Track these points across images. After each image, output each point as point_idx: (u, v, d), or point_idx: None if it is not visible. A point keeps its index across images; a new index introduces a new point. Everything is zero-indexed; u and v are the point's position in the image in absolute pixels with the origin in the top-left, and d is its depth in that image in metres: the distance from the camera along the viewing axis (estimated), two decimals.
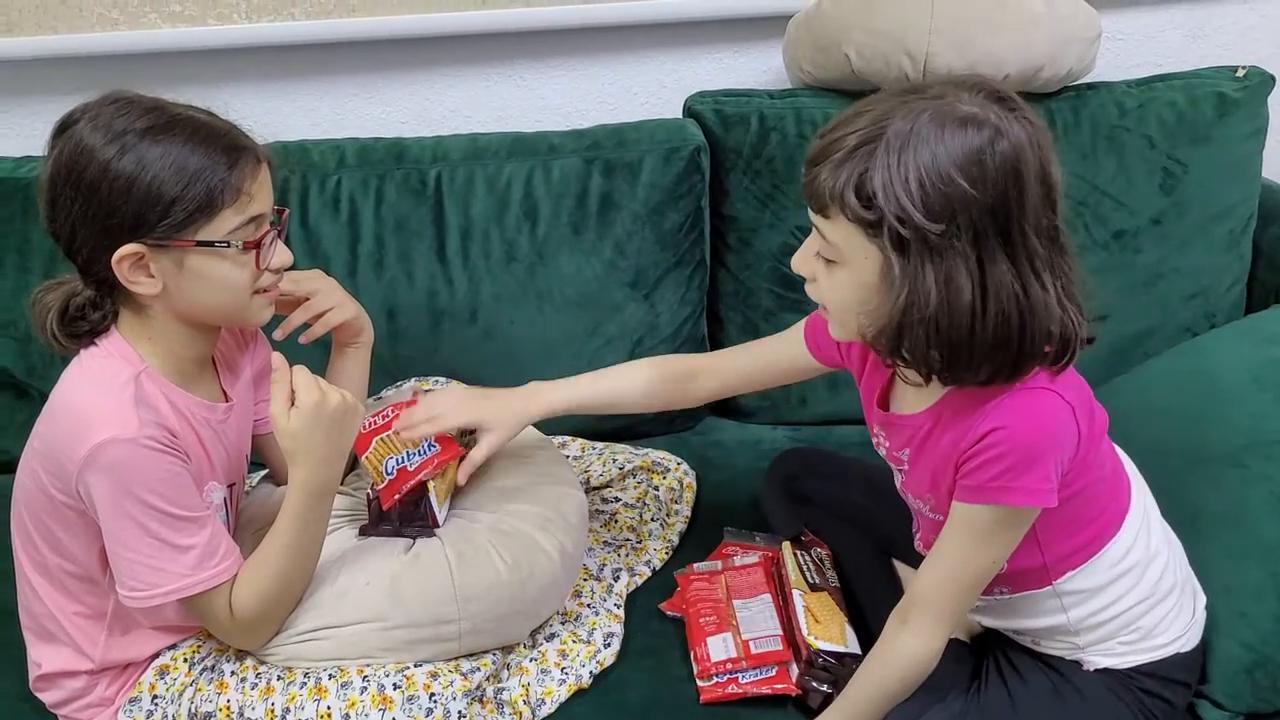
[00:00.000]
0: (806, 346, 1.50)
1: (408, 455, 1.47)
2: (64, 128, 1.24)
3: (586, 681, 1.44)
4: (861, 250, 1.15)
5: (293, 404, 1.29)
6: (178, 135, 1.22)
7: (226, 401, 1.41)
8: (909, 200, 1.09)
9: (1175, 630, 1.35)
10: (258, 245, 1.27)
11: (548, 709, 1.41)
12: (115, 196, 1.20)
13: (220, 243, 1.24)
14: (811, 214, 1.19)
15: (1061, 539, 1.29)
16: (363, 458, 1.46)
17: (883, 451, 1.39)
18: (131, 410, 1.24)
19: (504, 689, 1.41)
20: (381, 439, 1.47)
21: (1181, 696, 1.37)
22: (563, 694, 1.42)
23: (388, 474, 1.44)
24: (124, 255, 1.22)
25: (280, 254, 1.32)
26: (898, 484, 1.40)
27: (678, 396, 1.58)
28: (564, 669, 1.44)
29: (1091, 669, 1.35)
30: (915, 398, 1.30)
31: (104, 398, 1.25)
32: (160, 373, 1.30)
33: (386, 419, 1.50)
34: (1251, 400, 1.49)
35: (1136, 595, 1.32)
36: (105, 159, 1.20)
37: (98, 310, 1.29)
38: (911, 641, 1.28)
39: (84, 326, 1.29)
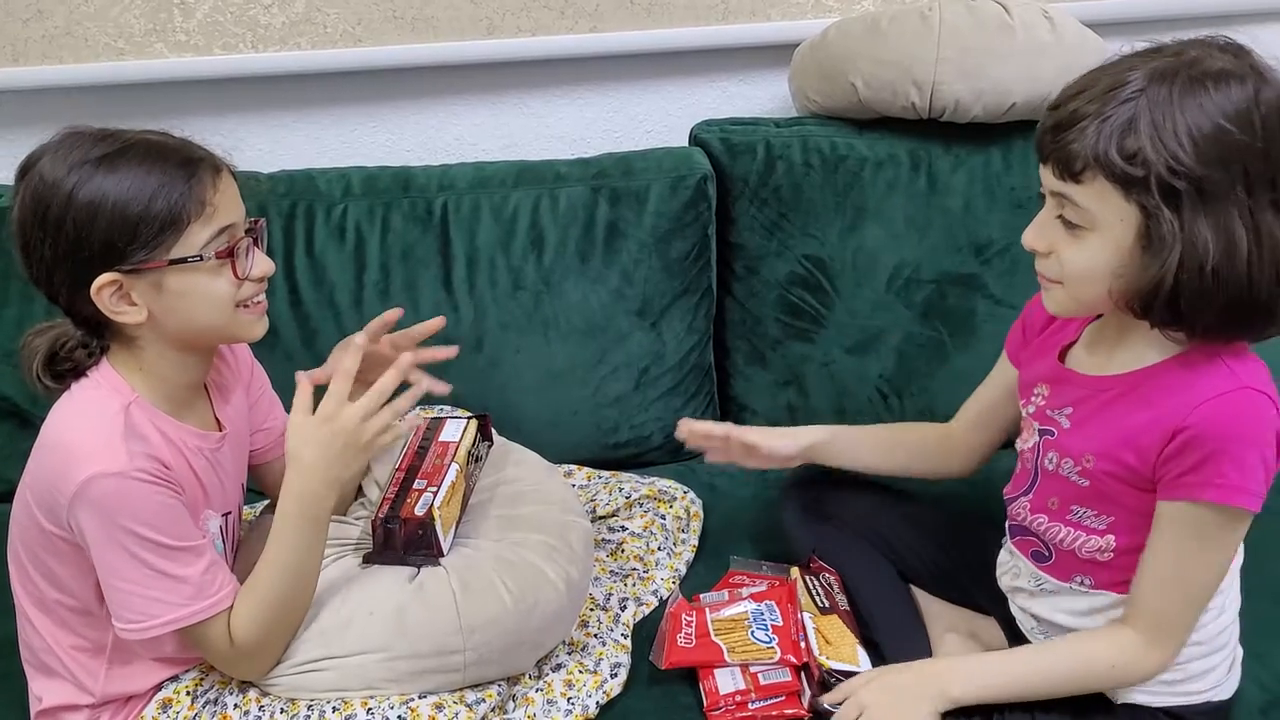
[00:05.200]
0: (1007, 356, 1.48)
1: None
2: (24, 171, 1.24)
3: (593, 712, 1.42)
4: (1117, 212, 1.14)
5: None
6: (131, 159, 1.22)
7: (220, 430, 1.40)
8: (1182, 150, 1.09)
9: (1216, 678, 1.31)
10: (231, 254, 1.27)
11: None
12: (81, 229, 1.20)
13: (193, 257, 1.24)
14: (1055, 183, 1.18)
15: None
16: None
17: (1031, 409, 1.36)
18: (120, 443, 1.23)
19: None
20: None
21: None
22: None
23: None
24: (101, 285, 1.21)
25: (260, 263, 1.32)
26: (1027, 444, 1.36)
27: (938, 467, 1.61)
28: (570, 699, 1.42)
29: (1119, 702, 1.31)
30: (1098, 360, 1.29)
31: (92, 431, 1.24)
32: (151, 402, 1.30)
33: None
34: None
35: (1196, 637, 1.28)
36: (64, 194, 1.20)
37: (84, 348, 1.28)
38: (1135, 651, 1.25)
39: (68, 365, 1.28)
